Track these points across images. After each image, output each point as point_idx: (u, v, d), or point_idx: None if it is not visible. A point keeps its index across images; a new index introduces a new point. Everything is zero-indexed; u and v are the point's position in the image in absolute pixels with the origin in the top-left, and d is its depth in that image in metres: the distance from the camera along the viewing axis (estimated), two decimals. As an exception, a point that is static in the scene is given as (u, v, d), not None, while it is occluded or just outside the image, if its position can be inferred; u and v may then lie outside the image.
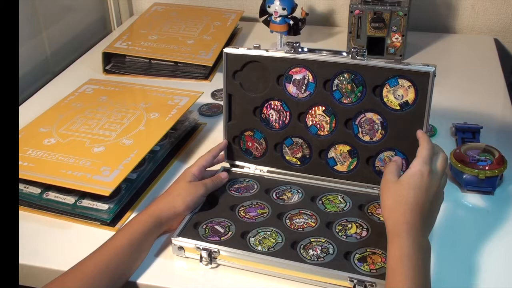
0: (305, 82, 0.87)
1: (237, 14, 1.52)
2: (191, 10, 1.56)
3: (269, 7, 1.35)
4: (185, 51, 1.32)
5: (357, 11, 1.30)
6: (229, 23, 1.47)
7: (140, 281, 0.77)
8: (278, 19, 1.35)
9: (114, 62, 1.34)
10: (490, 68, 1.31)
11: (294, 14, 1.36)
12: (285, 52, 0.87)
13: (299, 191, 0.89)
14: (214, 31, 1.42)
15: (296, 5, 1.35)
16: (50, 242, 0.84)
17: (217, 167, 0.94)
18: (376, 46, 1.33)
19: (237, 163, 0.95)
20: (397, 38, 1.31)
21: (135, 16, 1.66)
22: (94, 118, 1.03)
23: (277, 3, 1.33)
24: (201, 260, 0.78)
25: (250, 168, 0.94)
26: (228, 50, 0.90)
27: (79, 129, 0.99)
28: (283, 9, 1.33)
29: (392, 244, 0.68)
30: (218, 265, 0.78)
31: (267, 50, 0.88)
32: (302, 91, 0.88)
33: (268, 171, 0.94)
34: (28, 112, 1.12)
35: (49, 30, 1.36)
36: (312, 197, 0.87)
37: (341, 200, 0.87)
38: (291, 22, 1.35)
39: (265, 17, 1.39)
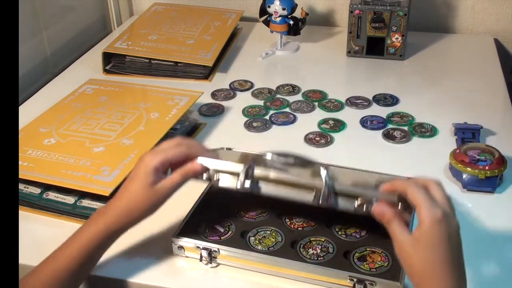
0: None
1: (237, 14, 1.52)
2: (191, 10, 1.56)
3: (269, 7, 1.35)
4: (185, 51, 1.32)
5: (357, 11, 1.30)
6: (229, 23, 1.47)
7: (140, 280, 0.77)
8: (278, 19, 1.35)
9: (114, 62, 1.34)
10: (490, 68, 1.31)
11: (294, 14, 1.36)
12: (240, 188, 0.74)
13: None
14: (214, 31, 1.42)
15: (296, 5, 1.35)
16: (50, 242, 0.84)
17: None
18: (376, 46, 1.34)
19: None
20: (397, 38, 1.31)
21: (135, 16, 1.66)
22: (94, 118, 1.03)
23: (277, 3, 1.34)
24: (201, 260, 0.78)
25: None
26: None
27: (79, 129, 0.99)
28: (283, 9, 1.33)
29: None
30: (218, 264, 0.78)
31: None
32: None
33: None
34: (28, 112, 1.11)
35: (49, 30, 1.36)
36: None
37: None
38: (291, 22, 1.36)
39: (265, 17, 1.39)
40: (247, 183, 0.71)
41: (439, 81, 1.27)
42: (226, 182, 0.74)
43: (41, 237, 0.85)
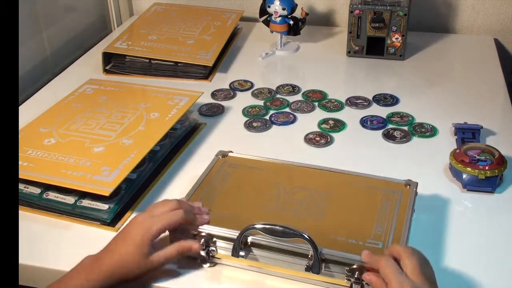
0: None
1: (237, 14, 1.52)
2: (191, 10, 1.56)
3: (269, 7, 1.35)
4: (185, 51, 1.32)
5: (357, 11, 1.30)
6: (229, 23, 1.47)
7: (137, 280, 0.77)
8: (278, 19, 1.35)
9: (114, 62, 1.34)
10: (490, 68, 1.31)
11: (294, 14, 1.36)
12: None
13: None
14: (214, 31, 1.42)
15: (296, 5, 1.35)
16: (50, 242, 0.84)
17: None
18: (376, 46, 1.34)
19: None
20: (397, 38, 1.31)
21: (135, 16, 1.66)
22: (94, 118, 1.03)
23: (277, 3, 1.34)
24: (198, 259, 0.78)
25: None
26: None
27: (79, 129, 0.99)
28: (283, 9, 1.34)
29: None
30: (216, 263, 0.78)
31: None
32: None
33: None
34: (28, 112, 1.12)
35: (49, 30, 1.36)
36: None
37: None
38: (291, 22, 1.36)
39: (265, 17, 1.39)
40: (242, 253, 0.75)
41: (439, 81, 1.27)
42: (222, 248, 0.77)
43: (41, 237, 0.85)
